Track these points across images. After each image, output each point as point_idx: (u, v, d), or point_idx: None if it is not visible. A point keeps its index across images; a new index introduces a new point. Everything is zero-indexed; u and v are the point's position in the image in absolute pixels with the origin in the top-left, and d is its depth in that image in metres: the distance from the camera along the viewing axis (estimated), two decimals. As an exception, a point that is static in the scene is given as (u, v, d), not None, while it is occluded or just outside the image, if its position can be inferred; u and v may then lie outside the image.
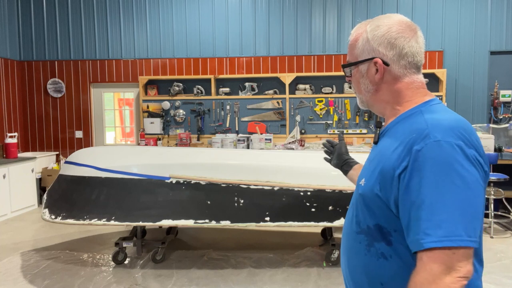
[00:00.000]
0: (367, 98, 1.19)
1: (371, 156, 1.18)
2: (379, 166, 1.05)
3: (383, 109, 1.18)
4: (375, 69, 1.13)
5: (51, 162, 6.86)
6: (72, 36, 6.92)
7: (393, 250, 1.03)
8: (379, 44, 1.12)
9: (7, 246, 4.60)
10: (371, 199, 1.06)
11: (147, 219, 3.57)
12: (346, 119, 6.45)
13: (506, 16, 6.25)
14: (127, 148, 4.45)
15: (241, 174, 3.69)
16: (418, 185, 0.93)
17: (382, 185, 1.02)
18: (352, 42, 1.19)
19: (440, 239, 0.89)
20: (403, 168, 0.97)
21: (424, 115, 1.04)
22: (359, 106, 1.26)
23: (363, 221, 1.10)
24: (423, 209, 0.92)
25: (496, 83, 6.25)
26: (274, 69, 6.66)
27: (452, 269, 0.89)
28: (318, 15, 6.58)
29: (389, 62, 1.11)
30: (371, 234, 1.07)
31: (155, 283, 3.59)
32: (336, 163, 1.64)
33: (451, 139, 0.94)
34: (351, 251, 1.15)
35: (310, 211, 3.56)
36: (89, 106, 7.01)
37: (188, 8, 6.75)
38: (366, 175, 1.11)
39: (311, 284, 3.56)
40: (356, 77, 1.20)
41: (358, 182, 1.15)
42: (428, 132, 0.97)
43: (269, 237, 4.82)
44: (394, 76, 1.13)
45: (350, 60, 1.20)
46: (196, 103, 6.65)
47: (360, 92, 1.20)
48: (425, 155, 0.94)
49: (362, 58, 1.16)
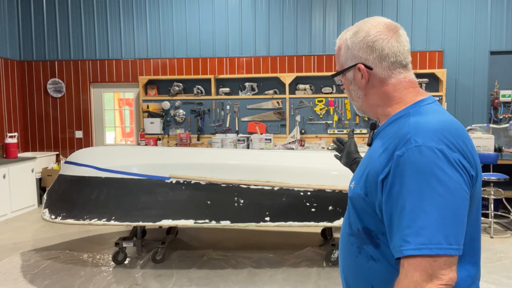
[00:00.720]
0: (360, 104, 1.19)
1: (363, 159, 1.18)
2: (366, 170, 1.05)
3: (376, 113, 1.17)
4: (360, 75, 1.13)
5: (51, 162, 6.86)
6: (72, 36, 6.92)
7: (381, 253, 1.03)
8: (359, 50, 1.11)
9: (7, 246, 4.60)
10: (359, 202, 1.07)
11: (147, 219, 3.57)
12: (346, 119, 6.45)
13: (506, 16, 6.25)
14: (127, 148, 4.45)
15: (241, 174, 3.69)
16: (399, 192, 0.93)
17: (368, 189, 1.02)
18: (336, 51, 1.21)
19: (419, 246, 0.88)
20: (385, 174, 0.96)
21: (410, 118, 1.03)
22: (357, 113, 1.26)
23: (354, 224, 1.11)
24: (403, 215, 0.91)
25: (496, 83, 6.25)
26: (274, 69, 6.66)
27: (434, 276, 0.88)
28: (318, 15, 6.58)
29: (371, 65, 1.10)
30: (361, 237, 1.07)
31: (155, 283, 3.59)
32: (345, 161, 1.61)
33: (432, 144, 0.93)
34: (345, 253, 1.16)
35: (310, 211, 3.56)
36: (89, 106, 7.01)
37: (188, 8, 6.75)
38: (355, 178, 1.11)
39: (311, 284, 3.56)
40: (346, 85, 1.20)
41: (350, 184, 1.15)
42: (410, 137, 0.95)
43: (269, 237, 4.82)
44: (380, 79, 1.11)
45: (337, 69, 1.21)
46: (196, 103, 6.65)
47: (352, 99, 1.21)
48: (406, 161, 0.93)
49: (347, 65, 1.16)
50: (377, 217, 1.02)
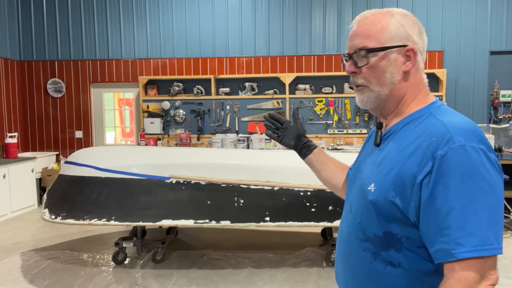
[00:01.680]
0: (386, 92, 1.06)
1: (375, 159, 1.08)
2: (392, 171, 0.98)
3: (391, 105, 1.09)
4: (404, 58, 1.04)
5: (51, 162, 6.87)
6: (72, 36, 6.92)
7: (403, 257, 0.98)
8: (413, 31, 1.04)
9: (7, 246, 4.60)
10: (384, 206, 0.99)
11: (147, 219, 3.57)
12: (346, 119, 6.45)
13: (506, 16, 6.25)
14: (127, 148, 4.46)
15: (241, 174, 3.69)
16: (445, 192, 0.89)
17: (399, 192, 0.96)
18: (373, 25, 1.05)
19: (474, 248, 0.86)
20: (425, 174, 0.91)
21: (437, 117, 0.99)
22: (359, 106, 1.12)
23: (369, 228, 1.04)
24: (452, 217, 0.88)
25: (496, 83, 6.25)
26: (274, 69, 6.66)
27: (484, 277, 0.88)
28: (318, 15, 6.58)
29: (419, 52, 1.06)
30: (379, 242, 1.01)
31: (155, 283, 3.59)
32: (294, 144, 1.48)
33: (474, 144, 0.90)
34: (353, 260, 1.09)
35: (310, 211, 3.56)
36: (89, 106, 7.01)
37: (188, 8, 6.75)
38: (375, 180, 1.02)
39: (311, 284, 3.56)
40: (380, 65, 1.05)
41: (364, 186, 1.06)
42: (450, 136, 0.92)
43: (269, 237, 4.82)
44: (416, 69, 1.07)
45: (370, 46, 1.05)
46: (196, 103, 6.65)
47: (381, 83, 1.06)
48: (450, 160, 0.89)
49: (393, 44, 1.03)
50: (405, 221, 0.96)
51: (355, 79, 1.10)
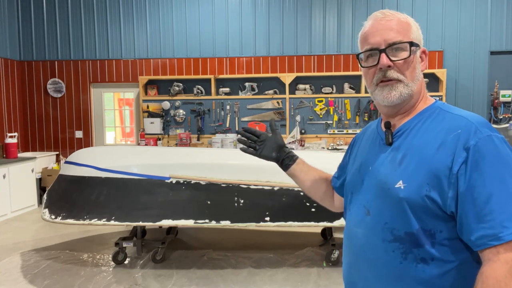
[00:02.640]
0: (412, 88, 1.10)
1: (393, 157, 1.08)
2: (422, 167, 1.00)
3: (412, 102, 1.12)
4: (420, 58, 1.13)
5: (51, 162, 6.86)
6: (72, 36, 6.92)
7: (435, 252, 0.99)
8: (420, 35, 1.13)
9: (7, 246, 4.60)
10: (418, 202, 0.99)
11: (147, 219, 3.57)
12: (346, 119, 6.45)
13: (506, 16, 6.25)
14: (127, 148, 4.46)
15: (241, 174, 3.69)
16: (481, 179, 0.92)
17: (434, 186, 0.98)
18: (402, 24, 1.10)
19: None
20: (460, 164, 0.95)
21: (452, 112, 1.06)
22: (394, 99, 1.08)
23: (399, 228, 1.03)
24: (492, 202, 0.91)
25: (496, 83, 6.25)
26: (274, 69, 6.66)
27: None
28: (318, 15, 6.58)
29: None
30: (411, 240, 1.01)
31: (155, 283, 3.59)
32: (276, 156, 1.43)
33: (497, 133, 0.98)
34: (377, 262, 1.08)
35: (310, 211, 3.56)
36: (89, 106, 7.01)
37: (188, 8, 6.75)
38: (403, 177, 1.02)
39: (311, 284, 3.56)
40: (413, 61, 1.10)
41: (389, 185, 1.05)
42: (476, 127, 0.97)
43: (269, 237, 4.82)
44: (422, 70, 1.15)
45: (406, 40, 1.08)
46: (196, 103, 6.65)
47: (413, 79, 1.10)
48: (481, 149, 0.94)
49: (418, 43, 1.11)
50: (440, 214, 0.98)
51: (390, 73, 1.08)
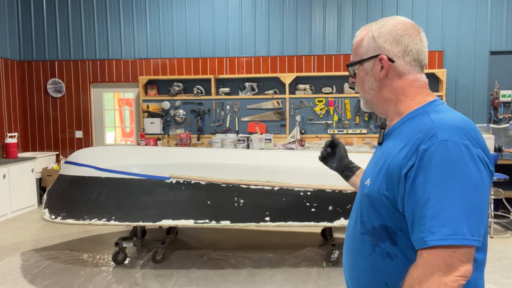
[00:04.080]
0: (371, 97, 1.19)
1: (375, 157, 1.17)
2: (385, 167, 1.05)
3: (386, 108, 1.18)
4: (380, 66, 1.14)
5: (51, 162, 6.86)
6: (72, 36, 6.92)
7: (398, 250, 1.04)
8: (385, 41, 1.13)
9: (7, 246, 4.60)
10: (378, 199, 1.06)
11: (147, 219, 3.57)
12: (346, 119, 6.45)
13: (506, 16, 6.25)
14: (127, 148, 4.45)
15: (241, 174, 3.69)
16: (424, 184, 0.94)
17: (389, 185, 1.02)
18: (357, 42, 1.20)
19: (444, 237, 0.89)
20: (409, 167, 0.97)
21: (429, 115, 1.05)
22: (362, 109, 1.25)
23: (368, 221, 1.10)
24: (428, 207, 0.92)
25: (496, 83, 6.25)
26: (274, 69, 6.66)
27: (452, 267, 0.90)
28: (318, 15, 6.58)
29: (394, 58, 1.12)
30: (376, 234, 1.07)
31: (155, 283, 3.59)
32: (336, 166, 1.58)
33: (457, 139, 0.95)
34: (355, 253, 1.16)
35: (310, 211, 3.56)
36: (89, 106, 7.01)
37: (188, 8, 6.75)
38: (371, 175, 1.11)
39: (311, 284, 3.56)
40: (360, 75, 1.19)
41: (363, 182, 1.15)
42: (435, 131, 0.97)
43: (269, 237, 4.82)
44: (398, 73, 1.13)
45: (353, 60, 1.21)
46: (196, 103, 6.65)
47: (364, 91, 1.20)
48: (432, 154, 0.94)
49: (368, 55, 1.16)
50: (396, 213, 1.02)
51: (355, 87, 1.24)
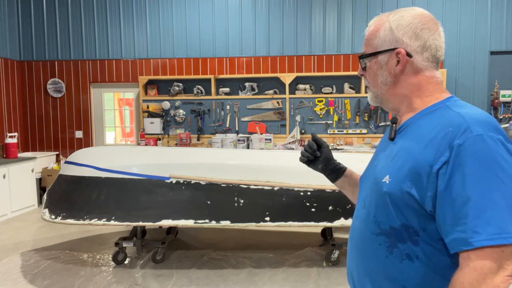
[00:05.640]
0: (383, 92, 1.14)
1: (390, 152, 1.09)
2: (408, 163, 0.99)
3: (399, 103, 1.13)
4: (396, 60, 1.09)
5: (51, 162, 6.86)
6: (72, 36, 6.92)
7: (420, 250, 0.98)
8: (404, 34, 1.07)
9: (7, 246, 4.60)
10: (400, 198, 0.99)
11: (147, 219, 3.57)
12: (346, 119, 6.45)
13: (506, 16, 6.25)
14: (127, 148, 4.45)
15: (241, 174, 3.69)
16: (462, 181, 0.89)
17: (415, 182, 0.96)
18: (371, 32, 1.14)
19: (491, 236, 0.85)
20: (442, 163, 0.92)
21: (453, 109, 1.01)
22: (370, 103, 1.20)
23: (384, 222, 1.03)
24: (469, 206, 0.88)
25: (496, 83, 6.25)
26: (274, 69, 6.66)
27: (501, 267, 0.86)
28: (318, 15, 6.58)
29: (412, 53, 1.07)
30: (395, 235, 1.01)
31: (155, 283, 3.59)
32: (322, 168, 1.47)
33: (492, 133, 0.91)
34: (366, 255, 1.09)
35: (310, 211, 3.56)
36: (89, 106, 7.01)
37: (188, 8, 6.75)
38: (390, 172, 1.03)
39: (311, 284, 3.56)
40: (373, 69, 1.14)
41: (379, 179, 1.06)
42: (467, 125, 0.92)
43: (269, 237, 4.82)
44: (415, 69, 1.09)
45: (367, 52, 1.15)
46: (196, 103, 6.65)
47: (375, 85, 1.15)
48: (468, 149, 0.89)
49: (383, 48, 1.10)
50: (421, 212, 0.97)
51: (364, 80, 1.18)
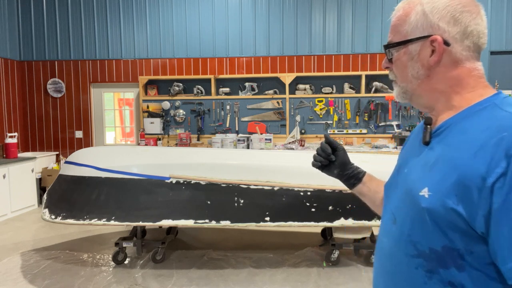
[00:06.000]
0: (414, 87, 0.97)
1: (426, 160, 0.92)
2: (452, 173, 0.82)
3: (434, 100, 0.96)
4: (430, 50, 0.92)
5: (51, 162, 6.86)
6: (72, 36, 6.92)
7: (466, 277, 0.82)
8: (440, 18, 0.90)
9: (7, 246, 4.60)
10: (442, 215, 0.83)
11: (147, 219, 3.57)
12: (346, 119, 6.45)
13: (506, 16, 6.25)
14: (127, 148, 4.45)
15: (241, 174, 3.69)
16: None
17: (462, 198, 0.80)
18: (400, 17, 0.97)
19: None
20: (498, 176, 0.76)
21: (504, 109, 0.85)
22: (397, 100, 1.03)
23: (423, 242, 0.87)
24: None
25: (496, 83, 6.25)
26: (274, 69, 6.66)
27: None
28: (318, 15, 6.58)
29: (450, 41, 0.90)
30: (435, 258, 0.85)
31: (155, 283, 3.59)
32: (338, 173, 1.31)
33: None
34: (400, 279, 0.94)
35: (310, 211, 3.56)
36: (89, 106, 7.01)
37: (188, 8, 6.75)
38: (429, 184, 0.86)
39: (311, 284, 3.56)
40: (402, 60, 0.97)
41: (414, 192, 0.90)
42: None
43: (269, 237, 4.82)
44: (453, 60, 0.91)
45: (394, 40, 0.98)
46: (196, 103, 6.65)
47: (405, 79, 0.98)
48: None
49: (415, 35, 0.93)
50: (469, 233, 0.80)
51: (389, 73, 1.03)
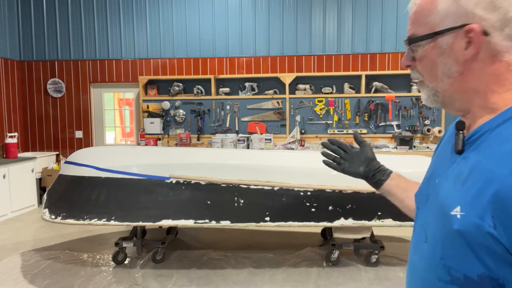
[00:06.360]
0: (445, 87, 0.82)
1: (458, 172, 0.79)
2: (488, 190, 0.69)
3: (468, 102, 0.81)
4: (465, 42, 0.76)
5: (51, 162, 6.86)
6: (72, 36, 6.92)
7: None
8: (476, 4, 0.74)
9: (7, 246, 4.60)
10: (478, 240, 0.70)
11: (147, 219, 3.57)
12: (346, 119, 6.45)
13: (506, 16, 6.24)
14: (127, 148, 4.45)
15: (241, 174, 3.69)
16: None
17: (501, 219, 0.67)
18: (424, 6, 0.82)
19: None
20: None
21: None
22: (425, 104, 0.88)
23: (457, 268, 0.75)
24: None
25: None
26: (274, 69, 6.66)
27: None
28: (318, 15, 6.58)
29: (489, 30, 0.74)
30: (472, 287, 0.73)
31: (155, 283, 3.59)
32: (365, 171, 1.24)
33: None
34: None
35: (310, 211, 3.56)
36: (89, 106, 7.01)
37: (188, 8, 6.75)
38: (462, 202, 0.73)
39: (311, 284, 3.56)
40: (430, 56, 0.82)
41: (447, 210, 0.76)
42: None
43: (269, 237, 4.82)
44: (492, 52, 0.75)
45: (418, 33, 0.82)
46: (196, 103, 6.65)
47: (434, 78, 0.83)
48: None
49: (446, 26, 0.78)
50: (510, 260, 0.68)
51: (412, 73, 0.89)
